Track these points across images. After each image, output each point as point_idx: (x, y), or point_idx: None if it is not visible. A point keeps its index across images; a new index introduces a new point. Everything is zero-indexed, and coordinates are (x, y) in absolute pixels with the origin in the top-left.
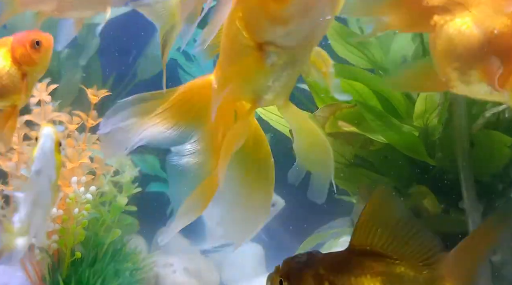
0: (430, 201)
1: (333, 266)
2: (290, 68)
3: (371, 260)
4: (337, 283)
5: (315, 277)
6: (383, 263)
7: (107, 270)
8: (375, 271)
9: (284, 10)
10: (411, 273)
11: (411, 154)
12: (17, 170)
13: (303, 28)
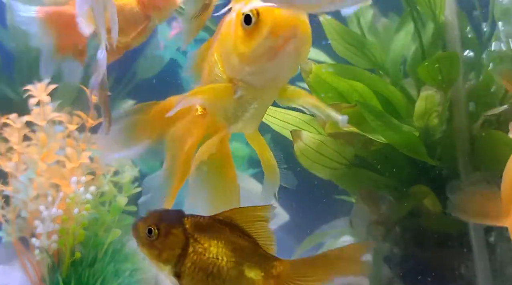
0: (430, 201)
1: (198, 226)
2: (257, 103)
3: (230, 230)
4: (199, 241)
5: (183, 233)
6: (237, 235)
7: (107, 270)
8: (230, 239)
9: (251, 52)
10: (256, 254)
11: (411, 154)
12: (17, 170)
13: (268, 71)
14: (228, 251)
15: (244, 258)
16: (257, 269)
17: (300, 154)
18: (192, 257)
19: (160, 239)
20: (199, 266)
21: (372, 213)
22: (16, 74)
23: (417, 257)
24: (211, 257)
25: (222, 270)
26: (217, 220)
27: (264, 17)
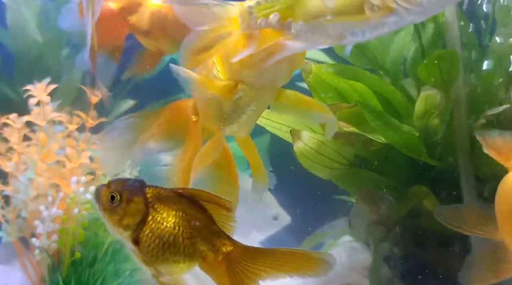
0: (430, 201)
1: (158, 196)
2: (254, 104)
3: (188, 204)
4: (159, 210)
5: (143, 202)
6: (194, 209)
7: (107, 270)
8: (187, 212)
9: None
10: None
11: (411, 154)
12: (17, 170)
13: (267, 73)
14: (185, 222)
15: (199, 232)
16: (209, 244)
17: (300, 154)
18: (150, 225)
19: (122, 205)
20: (157, 234)
21: (372, 213)
22: (16, 74)
23: (417, 257)
24: (168, 227)
25: (177, 240)
26: (177, 193)
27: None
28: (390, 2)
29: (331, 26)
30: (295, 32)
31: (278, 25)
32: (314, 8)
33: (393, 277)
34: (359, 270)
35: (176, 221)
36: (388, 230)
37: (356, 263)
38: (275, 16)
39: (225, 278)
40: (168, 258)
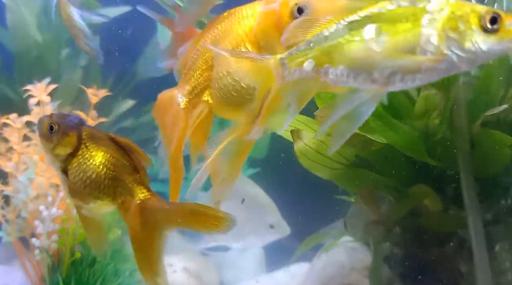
0: (430, 201)
1: (91, 136)
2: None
3: (117, 149)
4: (89, 148)
5: (77, 137)
6: (122, 155)
7: (107, 270)
8: (115, 156)
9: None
10: (133, 176)
11: (411, 154)
12: (17, 170)
13: None
14: (110, 165)
15: (122, 176)
16: (129, 189)
17: (300, 154)
18: (79, 159)
19: (57, 136)
20: (82, 169)
21: (372, 213)
22: (16, 74)
23: (417, 257)
24: (94, 164)
25: (100, 178)
26: (110, 138)
27: (319, 8)
28: (444, 48)
29: (377, 71)
30: (334, 78)
31: (314, 73)
32: (358, 52)
33: (393, 277)
34: (359, 270)
35: (103, 161)
36: (388, 230)
37: (356, 263)
38: (310, 63)
39: (137, 224)
40: (90, 193)
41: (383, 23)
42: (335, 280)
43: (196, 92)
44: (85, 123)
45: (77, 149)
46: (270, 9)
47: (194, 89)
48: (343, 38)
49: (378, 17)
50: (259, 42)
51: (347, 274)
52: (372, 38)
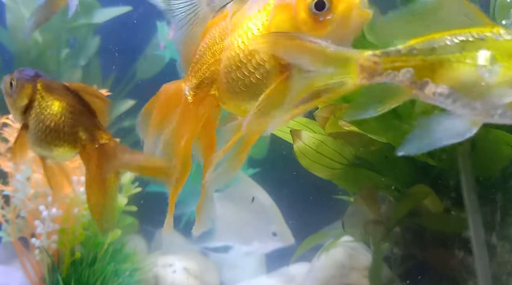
0: (430, 201)
1: (47, 86)
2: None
3: (73, 97)
4: (45, 98)
5: (32, 88)
6: (79, 102)
7: (106, 270)
8: (72, 104)
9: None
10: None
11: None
12: (17, 170)
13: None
14: (68, 113)
15: (79, 121)
16: (89, 134)
17: (300, 154)
18: (36, 110)
19: (16, 90)
20: (41, 119)
21: (372, 213)
22: None
23: (417, 257)
24: (51, 113)
25: (59, 126)
26: (66, 87)
27: (338, 4)
28: None
29: (482, 101)
30: (430, 95)
31: (408, 82)
32: (467, 76)
33: (393, 277)
34: (359, 270)
35: (60, 109)
36: (388, 230)
37: (356, 263)
38: (408, 72)
39: (96, 167)
40: (51, 142)
41: (498, 52)
42: (335, 280)
43: (203, 86)
44: (42, 76)
45: (33, 100)
46: (286, 3)
47: (202, 83)
48: (453, 56)
49: (493, 43)
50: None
51: (347, 274)
52: (485, 65)
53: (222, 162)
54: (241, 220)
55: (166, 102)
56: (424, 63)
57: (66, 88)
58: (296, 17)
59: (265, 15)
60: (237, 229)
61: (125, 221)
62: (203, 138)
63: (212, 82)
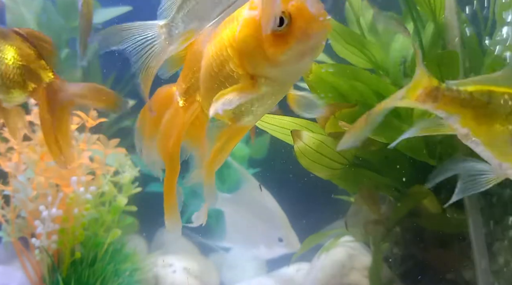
0: (430, 201)
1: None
2: (274, 97)
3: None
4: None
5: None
6: (26, 45)
7: (106, 270)
8: (20, 46)
9: (283, 54)
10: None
11: (411, 155)
12: (17, 170)
13: (296, 68)
14: (16, 55)
15: (28, 63)
16: (36, 74)
17: (300, 154)
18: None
19: None
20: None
21: (372, 213)
22: None
23: (417, 257)
24: (2, 57)
25: (8, 68)
26: (14, 31)
27: (297, 19)
28: None
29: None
30: (463, 138)
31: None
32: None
33: (393, 277)
34: (359, 270)
35: (9, 53)
36: (388, 230)
37: (356, 263)
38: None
39: (47, 105)
40: (2, 84)
41: None
42: (335, 280)
43: (191, 91)
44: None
45: None
46: (252, 17)
47: (189, 88)
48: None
49: None
50: (241, 50)
51: (347, 274)
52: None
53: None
54: (248, 224)
55: (159, 105)
56: (473, 114)
57: (14, 31)
58: (260, 31)
59: (235, 26)
60: (244, 232)
61: (125, 221)
62: (193, 140)
63: (197, 88)
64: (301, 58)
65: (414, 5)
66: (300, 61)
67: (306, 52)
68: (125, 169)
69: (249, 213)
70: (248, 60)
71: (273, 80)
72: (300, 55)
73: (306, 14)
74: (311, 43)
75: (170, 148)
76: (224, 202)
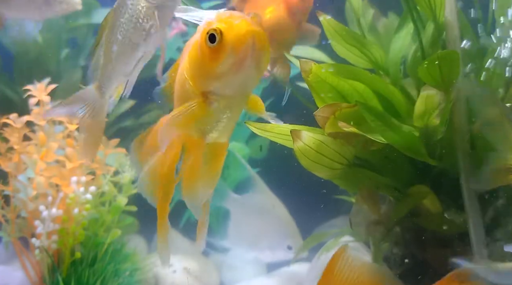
0: (430, 201)
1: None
2: (229, 111)
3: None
4: None
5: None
6: None
7: (106, 270)
8: None
9: (218, 68)
10: None
11: (411, 155)
12: (17, 170)
13: (235, 81)
14: None
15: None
16: None
17: (300, 154)
18: None
19: None
20: None
21: (372, 213)
22: (16, 74)
23: (417, 257)
24: None
25: None
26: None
27: (226, 35)
28: None
29: None
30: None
31: None
32: None
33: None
34: None
35: None
36: (388, 230)
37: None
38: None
39: None
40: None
41: None
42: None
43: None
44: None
45: None
46: (195, 39)
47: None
48: None
49: None
50: (189, 69)
51: None
52: None
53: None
54: (254, 227)
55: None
56: None
57: None
58: (201, 49)
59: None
60: (248, 235)
61: (125, 221)
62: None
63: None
64: (237, 70)
65: (414, 5)
66: (237, 73)
67: (240, 65)
68: (125, 169)
69: (256, 216)
70: (195, 77)
71: (220, 95)
72: (235, 68)
73: (234, 30)
74: (241, 56)
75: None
76: (232, 202)
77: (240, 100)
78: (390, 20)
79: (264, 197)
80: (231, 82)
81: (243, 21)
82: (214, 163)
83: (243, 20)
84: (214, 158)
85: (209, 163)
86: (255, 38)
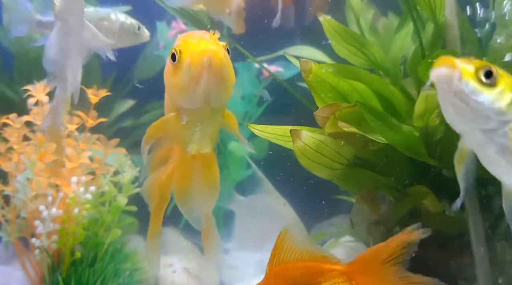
0: (430, 201)
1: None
2: (200, 124)
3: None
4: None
5: None
6: None
7: (106, 270)
8: None
9: (179, 83)
10: None
11: (411, 154)
12: (17, 170)
13: (197, 95)
14: None
15: None
16: None
17: (300, 154)
18: None
19: None
20: None
21: (372, 213)
22: (16, 74)
23: (417, 257)
24: None
25: None
26: None
27: (184, 54)
28: None
29: None
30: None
31: None
32: None
33: None
34: None
35: None
36: (388, 230)
37: None
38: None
39: None
40: None
41: None
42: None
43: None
44: None
45: None
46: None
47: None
48: None
49: None
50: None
51: None
52: None
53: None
54: (259, 229)
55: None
56: None
57: None
58: (167, 67)
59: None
60: (253, 237)
61: (125, 221)
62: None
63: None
64: (195, 86)
65: (414, 5)
66: (196, 89)
67: (197, 81)
68: (125, 169)
69: (263, 218)
70: (167, 92)
71: (187, 108)
72: (193, 84)
73: (191, 49)
74: (196, 73)
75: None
76: (238, 204)
77: (210, 114)
78: (390, 20)
79: (272, 198)
80: (192, 97)
81: (200, 40)
82: (207, 175)
83: (201, 39)
84: (206, 170)
85: (202, 176)
86: (210, 56)
